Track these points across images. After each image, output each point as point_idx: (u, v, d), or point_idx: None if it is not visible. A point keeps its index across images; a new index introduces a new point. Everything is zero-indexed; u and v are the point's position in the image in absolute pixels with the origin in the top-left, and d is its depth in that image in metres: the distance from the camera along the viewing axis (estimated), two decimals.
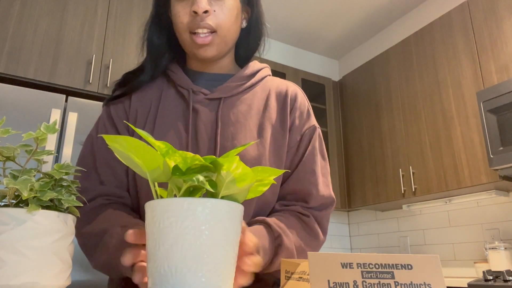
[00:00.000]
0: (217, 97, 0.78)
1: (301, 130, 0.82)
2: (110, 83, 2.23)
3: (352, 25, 3.59)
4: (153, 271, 0.43)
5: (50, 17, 2.18)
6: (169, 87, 0.81)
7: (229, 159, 0.42)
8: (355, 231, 3.58)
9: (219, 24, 0.73)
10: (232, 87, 0.80)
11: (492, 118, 2.18)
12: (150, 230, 0.44)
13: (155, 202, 0.44)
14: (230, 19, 0.75)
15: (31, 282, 0.44)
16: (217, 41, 0.75)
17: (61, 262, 0.47)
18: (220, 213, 0.43)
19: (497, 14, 2.35)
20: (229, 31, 0.76)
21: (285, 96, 0.84)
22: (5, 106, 1.88)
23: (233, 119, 0.77)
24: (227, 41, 0.77)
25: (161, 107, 0.78)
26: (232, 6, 0.75)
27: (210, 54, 0.76)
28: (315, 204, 0.79)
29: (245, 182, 0.44)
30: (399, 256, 0.42)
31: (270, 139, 0.78)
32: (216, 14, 0.73)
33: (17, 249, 0.44)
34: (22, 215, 0.45)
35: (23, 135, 0.48)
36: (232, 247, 0.44)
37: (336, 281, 0.40)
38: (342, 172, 3.33)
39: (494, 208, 2.53)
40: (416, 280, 0.41)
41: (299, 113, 0.83)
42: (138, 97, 0.81)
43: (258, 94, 0.82)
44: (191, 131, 0.74)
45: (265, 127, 0.78)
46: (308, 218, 0.76)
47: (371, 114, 3.15)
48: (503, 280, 1.92)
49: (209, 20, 0.72)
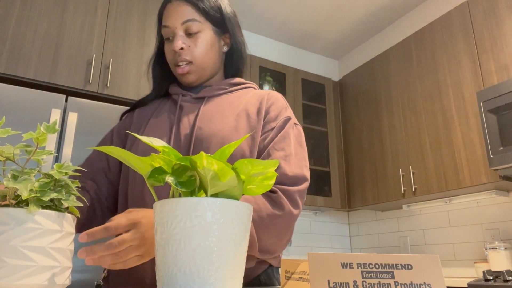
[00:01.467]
0: (202, 96, 0.94)
1: (276, 119, 0.92)
2: (110, 83, 2.23)
3: (352, 25, 3.59)
4: (162, 271, 0.43)
5: (50, 17, 2.18)
6: (167, 100, 1.00)
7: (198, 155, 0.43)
8: (355, 231, 3.58)
9: (194, 56, 0.92)
10: (216, 89, 0.96)
11: (492, 118, 2.18)
12: (158, 229, 0.44)
13: (163, 202, 0.44)
14: (204, 50, 0.92)
15: (31, 282, 0.44)
16: (194, 69, 0.93)
17: (61, 262, 0.47)
18: (228, 212, 0.43)
19: (497, 14, 2.35)
20: (204, 60, 0.93)
21: (263, 96, 0.96)
22: (5, 106, 1.88)
23: (213, 110, 0.91)
24: (205, 67, 0.94)
25: (157, 111, 0.97)
26: (205, 39, 0.93)
27: (190, 80, 0.94)
28: (284, 180, 0.82)
29: (227, 176, 0.44)
30: (399, 256, 0.42)
31: (245, 126, 0.89)
32: (190, 49, 0.91)
33: (17, 249, 0.44)
34: (22, 215, 0.45)
35: (23, 135, 0.48)
36: (241, 246, 0.44)
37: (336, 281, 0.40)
38: (342, 172, 3.33)
39: (494, 208, 2.53)
40: (416, 280, 0.41)
41: (275, 107, 0.94)
42: (140, 110, 1.01)
43: (239, 95, 0.96)
44: (175, 120, 0.90)
45: (242, 116, 0.90)
46: (275, 194, 0.80)
47: (371, 114, 3.15)
48: (503, 280, 1.92)
49: (185, 55, 0.91)
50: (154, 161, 0.47)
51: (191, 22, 0.91)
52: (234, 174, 0.44)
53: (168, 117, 0.92)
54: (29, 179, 0.46)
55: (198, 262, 0.41)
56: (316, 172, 3.27)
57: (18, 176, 0.47)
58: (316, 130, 3.36)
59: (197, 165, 0.44)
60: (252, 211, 0.47)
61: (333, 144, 3.35)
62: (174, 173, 0.46)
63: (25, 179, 0.46)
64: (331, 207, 3.20)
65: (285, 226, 0.80)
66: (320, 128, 3.37)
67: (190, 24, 0.91)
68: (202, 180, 0.45)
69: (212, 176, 0.44)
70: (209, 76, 0.97)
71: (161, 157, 0.46)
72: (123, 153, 0.47)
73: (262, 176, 0.49)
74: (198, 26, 0.92)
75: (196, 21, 0.91)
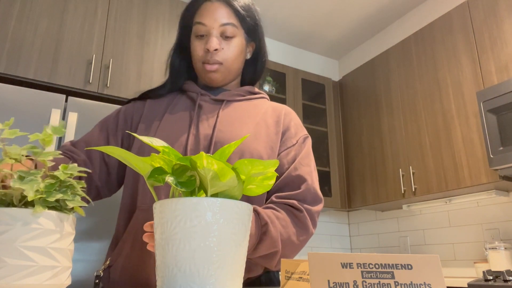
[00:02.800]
0: (221, 99, 0.94)
1: (297, 136, 0.95)
2: (110, 83, 2.23)
3: (352, 25, 3.59)
4: (162, 270, 0.43)
5: (50, 17, 2.18)
6: (181, 95, 0.99)
7: (198, 155, 0.43)
8: (355, 231, 3.58)
9: (225, 59, 0.92)
10: (234, 94, 0.97)
11: (492, 118, 2.18)
12: (158, 229, 0.44)
13: (163, 202, 0.44)
14: (234, 54, 0.94)
15: (31, 282, 0.44)
16: (222, 70, 0.93)
17: (61, 262, 0.47)
18: (228, 212, 0.43)
19: (497, 14, 2.35)
20: (233, 64, 0.94)
21: (281, 110, 0.99)
22: (5, 106, 1.88)
23: (233, 115, 0.92)
24: (231, 70, 0.95)
25: (171, 106, 0.95)
26: (237, 44, 0.94)
27: (216, 78, 0.94)
28: (308, 196, 0.85)
29: (227, 176, 0.44)
30: (399, 256, 0.42)
31: (264, 135, 0.90)
32: (224, 51, 0.92)
33: (18, 249, 0.44)
34: (23, 215, 0.45)
35: (30, 136, 0.48)
36: (241, 246, 0.44)
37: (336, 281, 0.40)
38: (342, 172, 3.33)
39: (494, 208, 2.52)
40: (416, 280, 0.41)
41: (294, 123, 0.97)
42: (152, 102, 0.99)
43: (256, 104, 0.98)
44: (195, 119, 0.89)
45: (261, 125, 0.92)
46: (301, 213, 0.83)
47: (371, 114, 3.15)
48: (503, 280, 1.92)
49: (217, 57, 0.91)
50: (154, 161, 0.47)
51: (229, 26, 0.92)
52: (234, 174, 0.44)
53: (187, 115, 0.92)
54: (36, 180, 0.46)
55: (198, 262, 0.41)
56: None
57: (24, 177, 0.47)
58: (316, 130, 3.36)
59: (197, 165, 0.44)
60: (251, 211, 0.47)
61: (333, 144, 3.35)
62: (174, 173, 0.46)
63: (32, 180, 0.46)
64: (331, 207, 3.20)
65: (304, 244, 0.84)
66: (320, 128, 3.37)
67: (228, 27, 0.92)
68: (202, 180, 0.45)
69: (212, 176, 0.44)
70: (231, 80, 0.99)
71: (161, 157, 0.46)
72: (123, 153, 0.47)
73: (262, 176, 0.49)
74: (234, 31, 0.93)
75: (233, 26, 0.93)
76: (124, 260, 0.83)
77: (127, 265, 0.82)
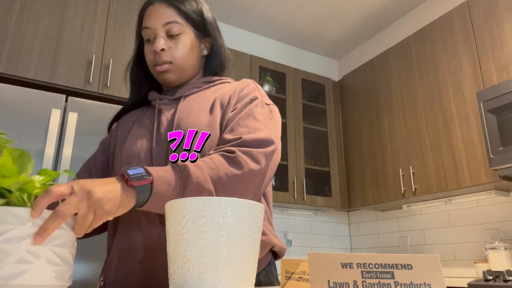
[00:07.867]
0: (178, 96, 0.96)
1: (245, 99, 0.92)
2: (110, 83, 2.23)
3: (352, 25, 3.58)
4: (173, 271, 0.43)
5: (50, 17, 2.18)
6: (148, 107, 1.01)
7: None
8: (355, 231, 3.58)
9: (174, 57, 0.93)
10: (190, 87, 0.97)
11: (492, 118, 2.18)
12: (169, 229, 0.45)
13: (172, 202, 0.44)
14: (184, 52, 0.94)
15: (32, 282, 0.44)
16: (173, 69, 0.94)
17: (62, 262, 0.47)
18: (238, 212, 0.43)
19: (497, 14, 2.35)
20: (184, 61, 0.95)
21: (238, 84, 0.98)
22: (5, 106, 1.88)
23: (189, 107, 0.93)
24: (184, 68, 0.95)
25: (139, 118, 0.99)
26: (185, 41, 0.95)
27: (169, 78, 0.95)
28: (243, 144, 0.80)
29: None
30: (399, 256, 0.42)
31: (220, 113, 0.90)
32: (171, 50, 0.93)
33: (19, 249, 0.44)
34: (24, 214, 0.45)
35: None
36: (250, 246, 0.44)
37: (336, 281, 0.40)
38: (342, 172, 3.33)
39: (494, 208, 2.53)
40: (416, 280, 0.41)
41: (245, 90, 0.95)
42: (125, 117, 1.04)
43: (217, 89, 0.98)
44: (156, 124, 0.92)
45: (216, 106, 0.92)
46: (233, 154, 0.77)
47: (371, 114, 3.15)
48: (503, 280, 1.92)
49: (165, 57, 0.93)
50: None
51: (172, 24, 0.93)
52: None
53: (148, 122, 0.94)
54: None
55: (206, 261, 0.41)
56: (316, 172, 3.27)
57: None
58: (316, 130, 3.36)
59: None
60: (263, 211, 0.47)
61: (333, 144, 3.35)
62: None
63: None
64: (331, 207, 3.20)
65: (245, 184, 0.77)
66: (320, 128, 3.37)
67: (171, 26, 0.93)
68: None
69: None
70: (188, 77, 0.99)
71: None
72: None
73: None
74: (180, 28, 0.94)
75: (177, 23, 0.94)
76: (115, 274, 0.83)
77: (118, 279, 0.82)
